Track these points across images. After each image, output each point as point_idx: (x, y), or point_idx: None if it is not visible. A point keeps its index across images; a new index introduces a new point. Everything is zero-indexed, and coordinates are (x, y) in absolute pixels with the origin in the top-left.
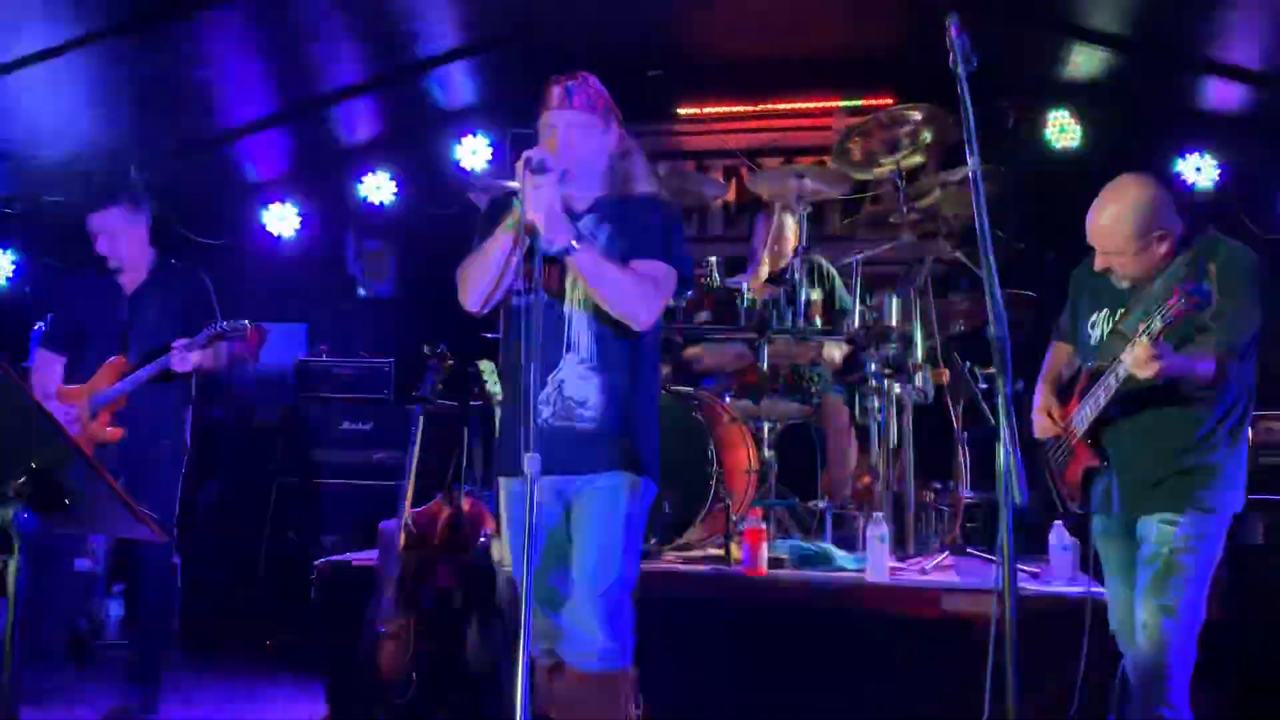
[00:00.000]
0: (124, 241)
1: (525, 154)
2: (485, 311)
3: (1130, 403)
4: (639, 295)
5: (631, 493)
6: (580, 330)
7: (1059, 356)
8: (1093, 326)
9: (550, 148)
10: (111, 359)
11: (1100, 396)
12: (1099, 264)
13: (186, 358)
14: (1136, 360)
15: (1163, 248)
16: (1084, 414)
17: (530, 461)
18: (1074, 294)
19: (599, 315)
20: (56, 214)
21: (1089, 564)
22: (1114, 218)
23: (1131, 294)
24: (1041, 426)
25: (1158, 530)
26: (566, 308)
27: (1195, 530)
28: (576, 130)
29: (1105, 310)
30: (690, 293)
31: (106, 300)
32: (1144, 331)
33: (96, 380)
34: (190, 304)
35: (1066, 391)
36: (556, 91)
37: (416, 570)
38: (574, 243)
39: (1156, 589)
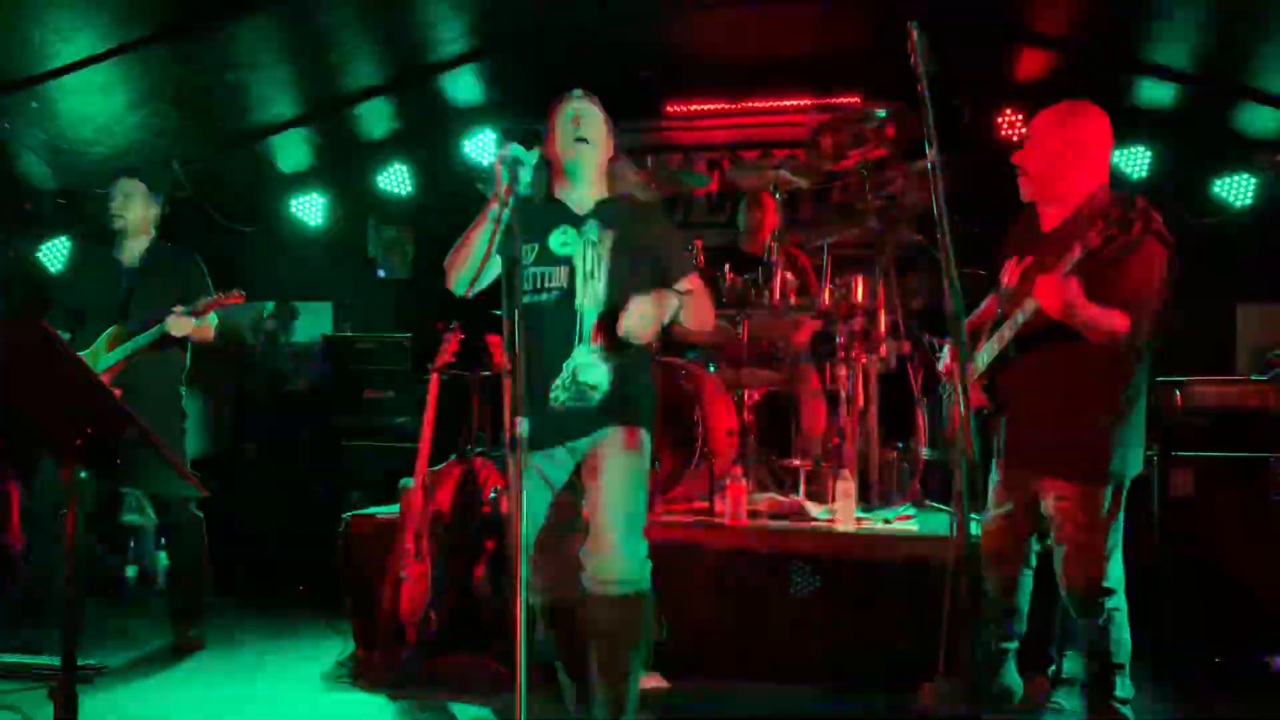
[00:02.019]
0: (135, 207)
1: (500, 152)
2: (470, 295)
3: (1031, 350)
4: (709, 311)
5: (635, 440)
6: (591, 322)
7: (987, 307)
8: (1006, 272)
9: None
10: (111, 329)
11: (1004, 334)
12: (1017, 157)
13: (181, 323)
14: (1043, 288)
15: (1086, 174)
16: (982, 356)
17: (520, 426)
18: (1004, 247)
19: (606, 310)
20: (104, 204)
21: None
22: (1057, 119)
23: (1048, 240)
24: (945, 365)
25: (1062, 504)
26: (578, 303)
27: (1097, 502)
28: (590, 118)
29: (1021, 255)
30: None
31: (108, 274)
32: (1059, 268)
33: (96, 349)
34: (187, 281)
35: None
36: (574, 89)
37: (433, 522)
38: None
39: (1078, 563)
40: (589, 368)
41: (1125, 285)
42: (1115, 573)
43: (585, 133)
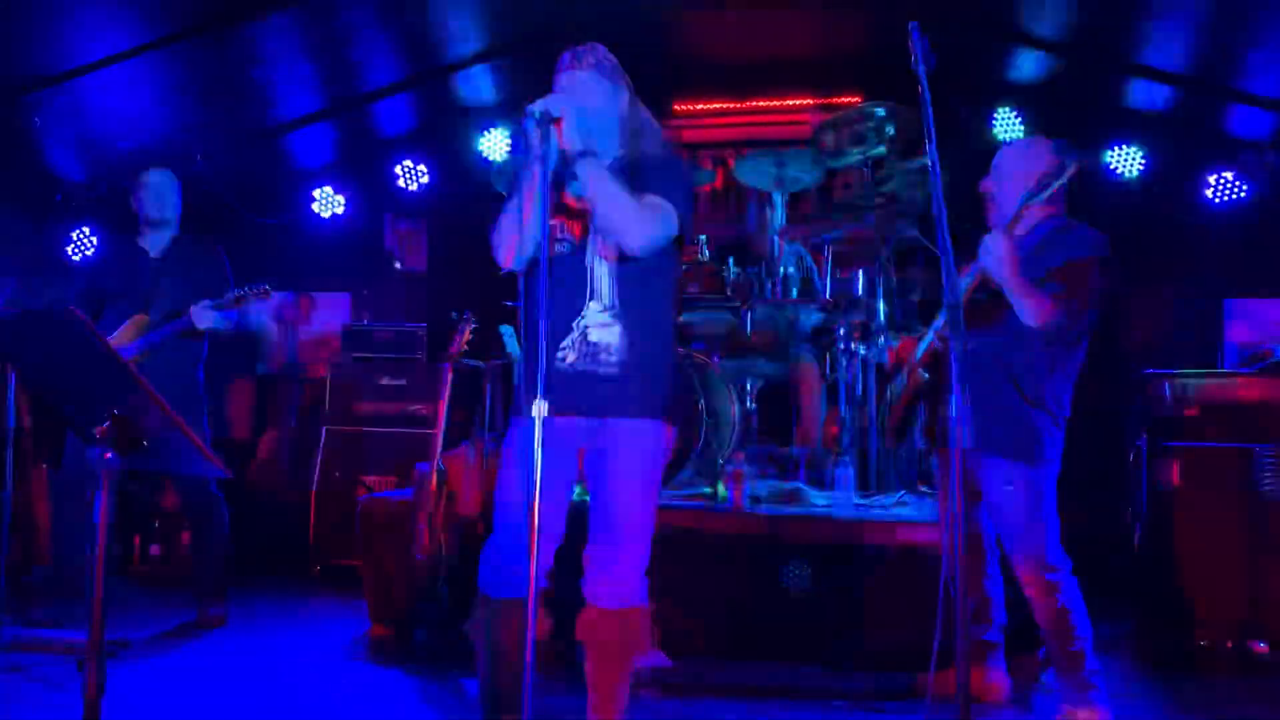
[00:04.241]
0: (166, 201)
1: (529, 107)
2: (521, 267)
3: (972, 333)
4: (635, 217)
5: (654, 439)
6: (603, 279)
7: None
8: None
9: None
10: (135, 316)
11: (937, 322)
12: (984, 185)
13: (206, 315)
14: (985, 245)
15: (1034, 176)
16: (922, 345)
17: (538, 408)
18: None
19: (621, 265)
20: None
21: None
22: (1004, 156)
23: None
24: (890, 353)
25: (1002, 489)
26: (589, 257)
27: (1034, 484)
28: (585, 89)
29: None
30: (701, 252)
31: (132, 264)
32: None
33: (120, 335)
34: (209, 273)
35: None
36: (566, 57)
37: (446, 505)
38: (587, 153)
39: (1023, 544)
40: (600, 328)
41: (1055, 274)
42: (1058, 550)
43: (576, 104)
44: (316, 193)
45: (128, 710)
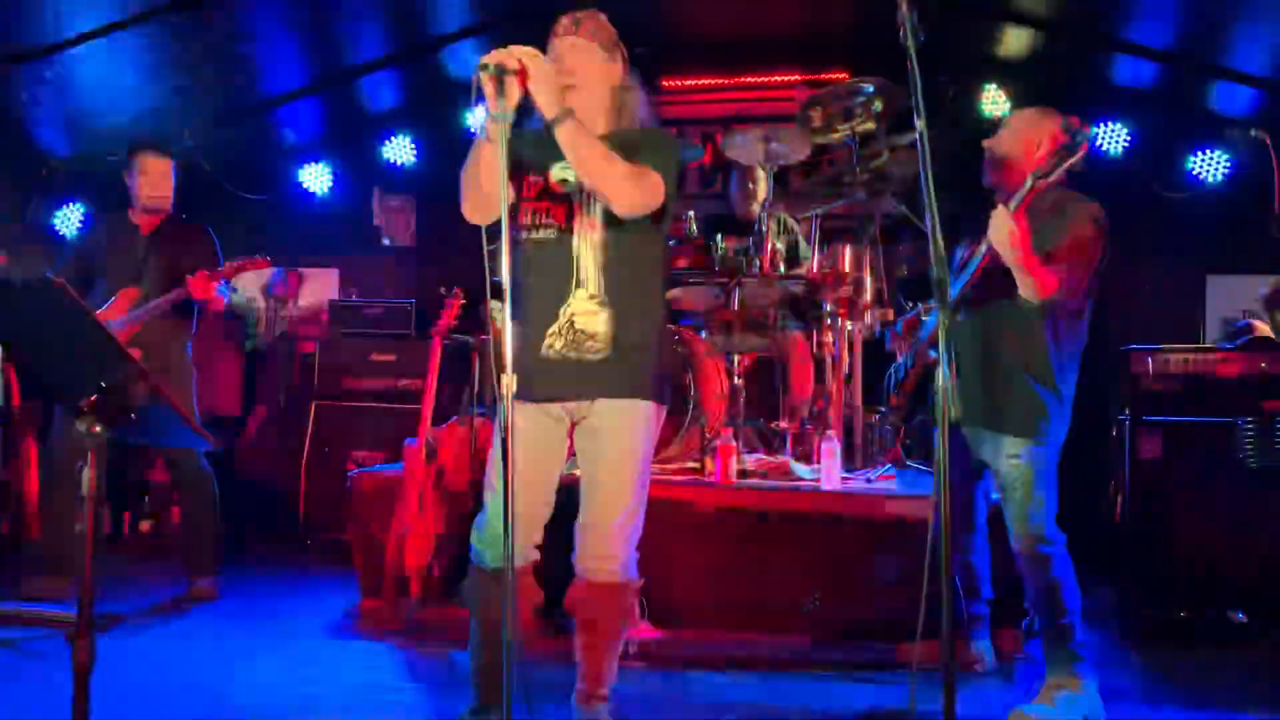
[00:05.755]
0: (164, 188)
1: (482, 59)
2: (487, 221)
3: (979, 312)
4: (621, 177)
5: (644, 418)
6: (589, 265)
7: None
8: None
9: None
10: (125, 289)
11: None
12: (989, 142)
13: (204, 285)
14: (995, 223)
15: (1040, 150)
16: (928, 324)
17: (507, 383)
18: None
19: (607, 250)
20: (117, 172)
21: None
22: (1016, 117)
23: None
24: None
25: (1014, 461)
26: (575, 243)
27: (1036, 459)
28: (581, 55)
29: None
30: (689, 227)
31: (123, 240)
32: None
33: (111, 309)
34: (199, 255)
35: None
36: (564, 21)
37: (435, 480)
38: (562, 113)
39: (1021, 518)
40: (586, 315)
41: (1059, 249)
42: (1054, 525)
43: (572, 78)
44: (304, 168)
45: (119, 684)
